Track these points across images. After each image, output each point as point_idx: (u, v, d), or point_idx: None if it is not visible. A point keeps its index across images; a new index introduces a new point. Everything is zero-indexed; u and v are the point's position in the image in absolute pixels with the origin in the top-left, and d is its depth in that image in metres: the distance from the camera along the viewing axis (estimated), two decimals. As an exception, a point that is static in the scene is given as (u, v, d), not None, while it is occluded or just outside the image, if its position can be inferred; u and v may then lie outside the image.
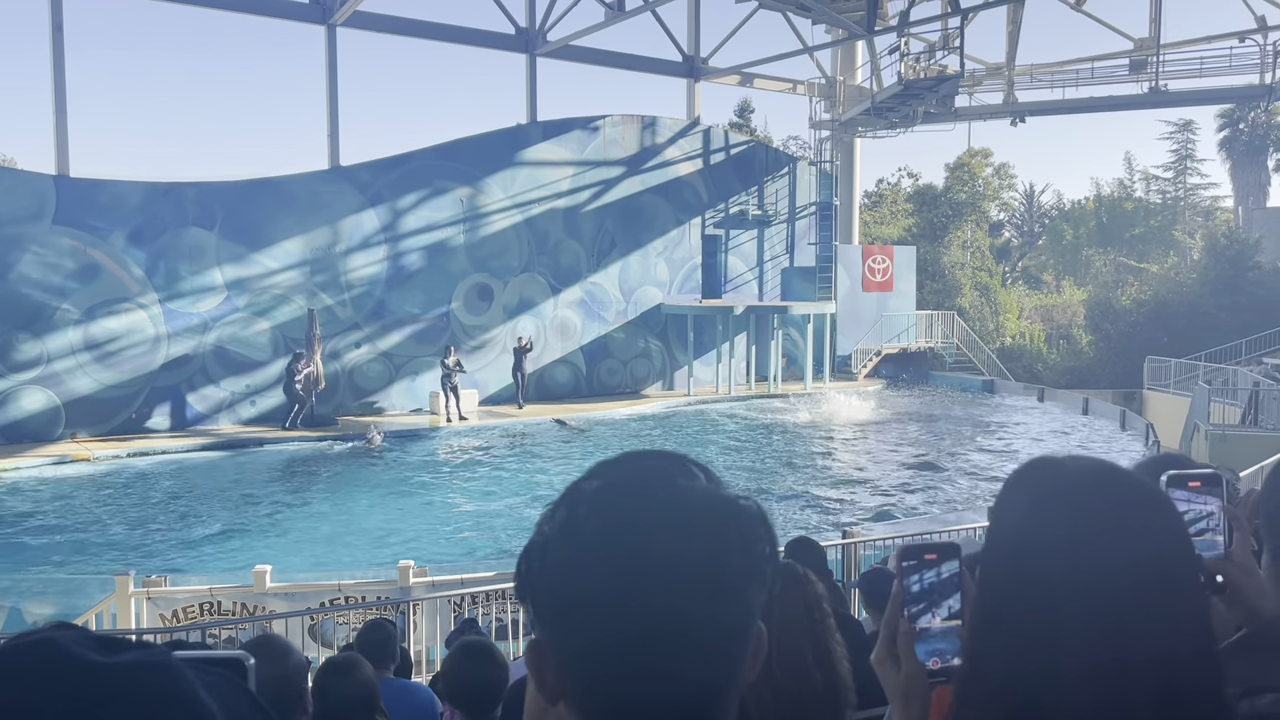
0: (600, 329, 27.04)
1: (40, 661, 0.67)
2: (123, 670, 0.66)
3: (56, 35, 20.27)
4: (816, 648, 2.33)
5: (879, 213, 46.71)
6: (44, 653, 0.67)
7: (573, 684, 0.85)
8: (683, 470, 0.88)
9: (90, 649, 0.68)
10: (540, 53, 26.69)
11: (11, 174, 21.14)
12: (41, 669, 0.66)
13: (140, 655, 0.68)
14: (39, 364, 19.68)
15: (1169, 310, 35.38)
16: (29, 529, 14.17)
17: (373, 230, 23.42)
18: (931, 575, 1.26)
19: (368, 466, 18.47)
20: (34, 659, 0.67)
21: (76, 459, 18.47)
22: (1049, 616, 1.05)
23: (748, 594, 0.85)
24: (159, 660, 0.68)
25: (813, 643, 2.33)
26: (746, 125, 45.06)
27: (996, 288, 40.06)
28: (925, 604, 1.26)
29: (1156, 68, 30.00)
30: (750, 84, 32.59)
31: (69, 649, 0.67)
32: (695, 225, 28.76)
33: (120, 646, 0.69)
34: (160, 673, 0.67)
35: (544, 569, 0.86)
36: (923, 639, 1.25)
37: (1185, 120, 54.04)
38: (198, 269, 21.28)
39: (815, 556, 4.43)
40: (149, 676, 0.67)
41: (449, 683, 3.59)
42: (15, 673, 0.66)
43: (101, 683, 0.65)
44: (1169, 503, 1.14)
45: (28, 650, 0.68)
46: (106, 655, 0.68)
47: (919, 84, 27.93)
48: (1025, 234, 60.99)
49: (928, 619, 1.26)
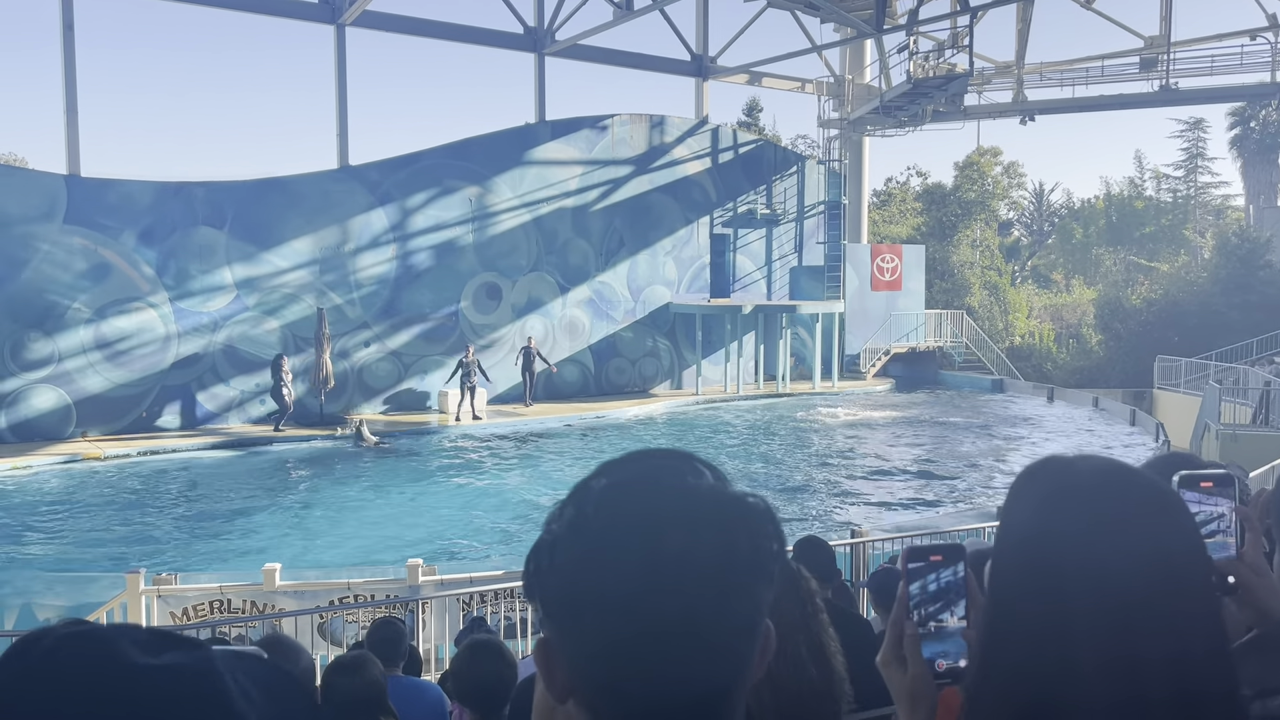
0: (608, 328, 27.05)
1: (84, 658, 0.68)
2: (162, 673, 0.68)
3: (67, 35, 20.36)
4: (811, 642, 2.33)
5: (888, 212, 46.62)
6: (90, 649, 0.69)
7: (582, 682, 0.85)
8: (690, 468, 0.88)
9: (136, 648, 0.69)
10: (549, 52, 26.71)
11: (23, 174, 21.25)
12: (84, 666, 0.68)
13: (181, 658, 0.70)
14: (50, 363, 19.77)
15: (1179, 309, 35.23)
16: (40, 527, 14.24)
17: (382, 229, 23.47)
18: (937, 576, 1.26)
19: (375, 464, 18.50)
20: (79, 654, 0.69)
21: (87, 457, 18.55)
22: (1061, 613, 1.05)
23: (756, 592, 0.85)
24: (198, 665, 0.69)
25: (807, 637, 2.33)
26: (755, 124, 45.00)
27: (1006, 287, 39.95)
28: (931, 605, 1.26)
29: (1167, 66, 29.87)
30: (759, 83, 32.56)
31: (116, 646, 0.69)
32: (703, 224, 28.75)
33: (165, 645, 0.70)
34: (198, 677, 0.68)
35: (553, 567, 0.86)
36: (928, 640, 1.25)
37: (1196, 119, 53.90)
38: (208, 268, 21.36)
39: (824, 556, 4.42)
40: (186, 681, 0.68)
41: (458, 681, 3.60)
42: (59, 667, 0.68)
43: (139, 685, 0.67)
44: (1180, 502, 1.14)
45: (76, 644, 0.70)
46: (149, 655, 0.69)
47: (928, 83, 27.86)
48: (1035, 233, 60.83)
49: (933, 621, 1.25)
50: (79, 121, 20.51)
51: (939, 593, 1.26)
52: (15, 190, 19.48)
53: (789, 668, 2.27)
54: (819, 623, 2.40)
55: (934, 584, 1.26)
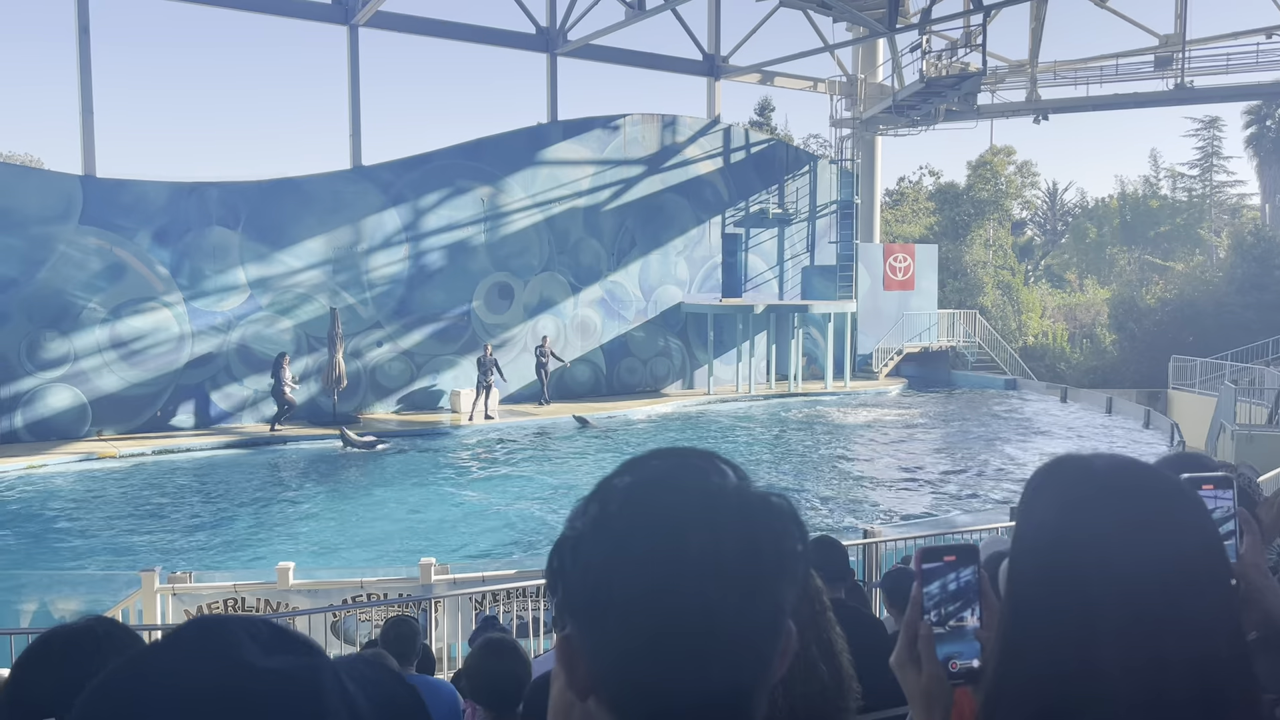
0: (620, 328, 27.06)
1: (203, 650, 0.72)
2: (272, 675, 0.71)
3: (83, 37, 20.48)
4: (820, 640, 2.34)
5: (900, 211, 46.51)
6: (211, 642, 0.72)
7: (604, 680, 0.85)
8: (714, 467, 0.88)
9: (254, 646, 0.73)
10: (561, 52, 26.73)
11: (39, 174, 21.39)
12: (202, 657, 0.71)
13: (293, 661, 0.73)
14: (66, 362, 19.89)
15: (1194, 309, 35.02)
16: (56, 526, 14.33)
17: (394, 229, 23.54)
18: (951, 577, 1.26)
19: (387, 464, 18.55)
20: (201, 645, 0.72)
21: (102, 456, 18.66)
22: (1084, 614, 1.04)
23: (779, 592, 0.85)
24: (301, 673, 0.72)
25: (816, 635, 2.34)
26: (767, 124, 44.97)
27: (1019, 286, 39.79)
28: (945, 606, 1.26)
29: (1182, 64, 29.70)
30: (771, 82, 32.52)
31: (236, 641, 0.72)
32: (715, 224, 28.72)
33: (282, 646, 0.74)
34: (305, 684, 0.71)
35: (576, 565, 0.86)
36: (942, 641, 1.25)
37: (1211, 117, 53.55)
38: (221, 268, 21.46)
39: (837, 556, 4.42)
40: (294, 685, 0.71)
41: (472, 679, 3.61)
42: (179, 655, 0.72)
43: (249, 684, 0.70)
44: (1199, 500, 1.13)
45: (200, 634, 0.73)
46: (264, 656, 0.72)
47: (941, 82, 27.78)
48: (1048, 232, 60.57)
49: (948, 621, 1.25)
50: (94, 122, 20.64)
51: (953, 593, 1.26)
52: (31, 191, 19.62)
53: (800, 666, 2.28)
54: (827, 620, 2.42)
55: (948, 585, 1.26)
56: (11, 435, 19.36)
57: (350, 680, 0.75)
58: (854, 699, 2.35)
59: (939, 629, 1.25)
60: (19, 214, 19.30)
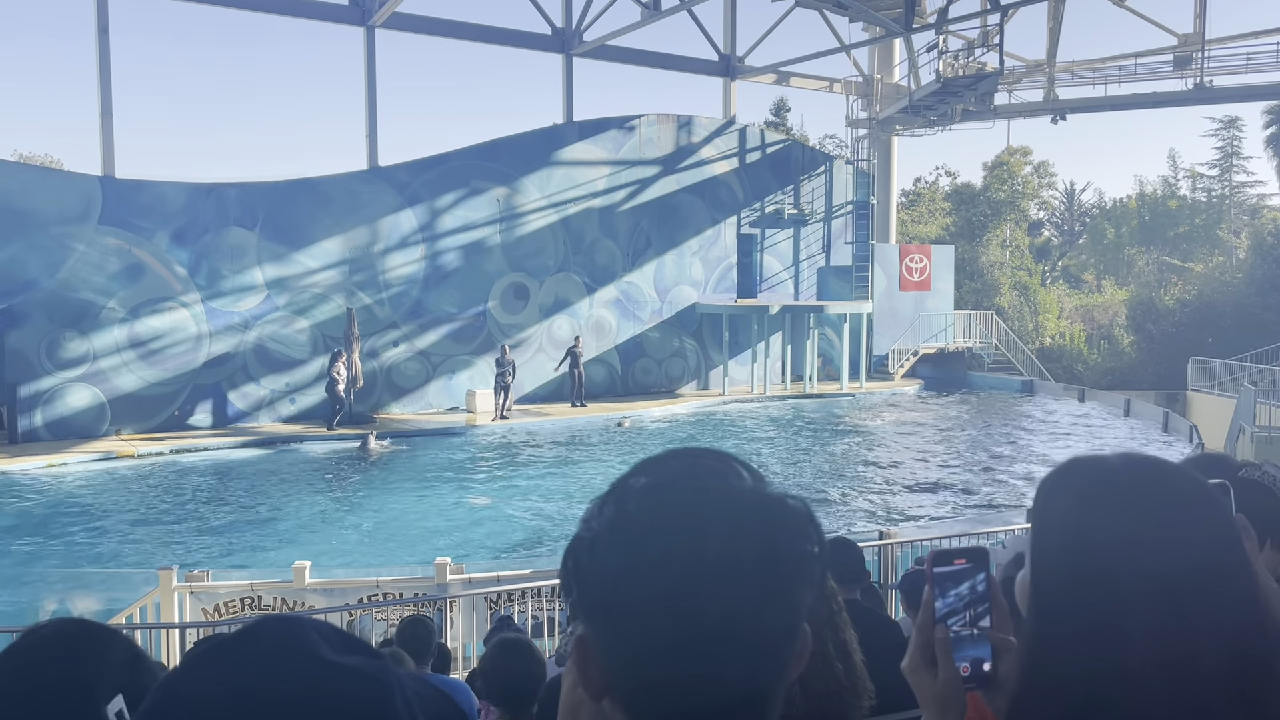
0: (635, 328, 27.06)
1: (283, 641, 0.74)
2: (345, 673, 0.72)
3: (102, 38, 20.63)
4: (835, 640, 2.35)
5: (916, 211, 46.33)
6: (284, 635, 0.74)
7: (619, 681, 0.85)
8: (730, 468, 0.88)
9: (327, 644, 0.74)
10: (576, 53, 26.76)
11: (59, 175, 21.56)
12: (282, 648, 0.73)
13: (364, 662, 0.74)
14: (85, 362, 20.05)
15: (1214, 310, 34.75)
16: (75, 524, 14.43)
17: (410, 230, 23.61)
18: (962, 580, 1.25)
19: (401, 463, 18.61)
20: (279, 638, 0.74)
21: (121, 455, 18.79)
22: (1114, 612, 1.03)
23: (796, 594, 0.85)
24: (377, 672, 0.74)
25: (833, 634, 2.35)
26: (783, 124, 44.87)
27: (1036, 287, 39.57)
28: (957, 609, 1.25)
29: (1201, 63, 29.48)
30: (786, 82, 32.46)
31: (309, 637, 0.74)
32: (731, 224, 28.69)
33: (350, 646, 0.76)
34: (375, 684, 0.73)
35: (592, 566, 0.85)
36: (953, 644, 1.24)
37: (1231, 117, 53.04)
38: (239, 268, 21.58)
39: (853, 557, 4.41)
40: (364, 684, 0.73)
41: (488, 679, 3.61)
42: (260, 646, 0.73)
43: (323, 680, 0.71)
44: (1218, 497, 1.12)
45: (277, 627, 0.75)
46: (338, 654, 0.74)
47: (957, 82, 27.67)
48: (1065, 233, 60.22)
49: (959, 625, 1.24)
50: (114, 123, 20.79)
51: (964, 596, 1.25)
52: (51, 191, 19.78)
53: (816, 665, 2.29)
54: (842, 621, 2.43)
55: (960, 588, 1.25)
56: (31, 434, 19.52)
57: (407, 684, 0.77)
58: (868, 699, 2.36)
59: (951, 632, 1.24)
60: (39, 215, 19.47)
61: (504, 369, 22.43)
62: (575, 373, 23.99)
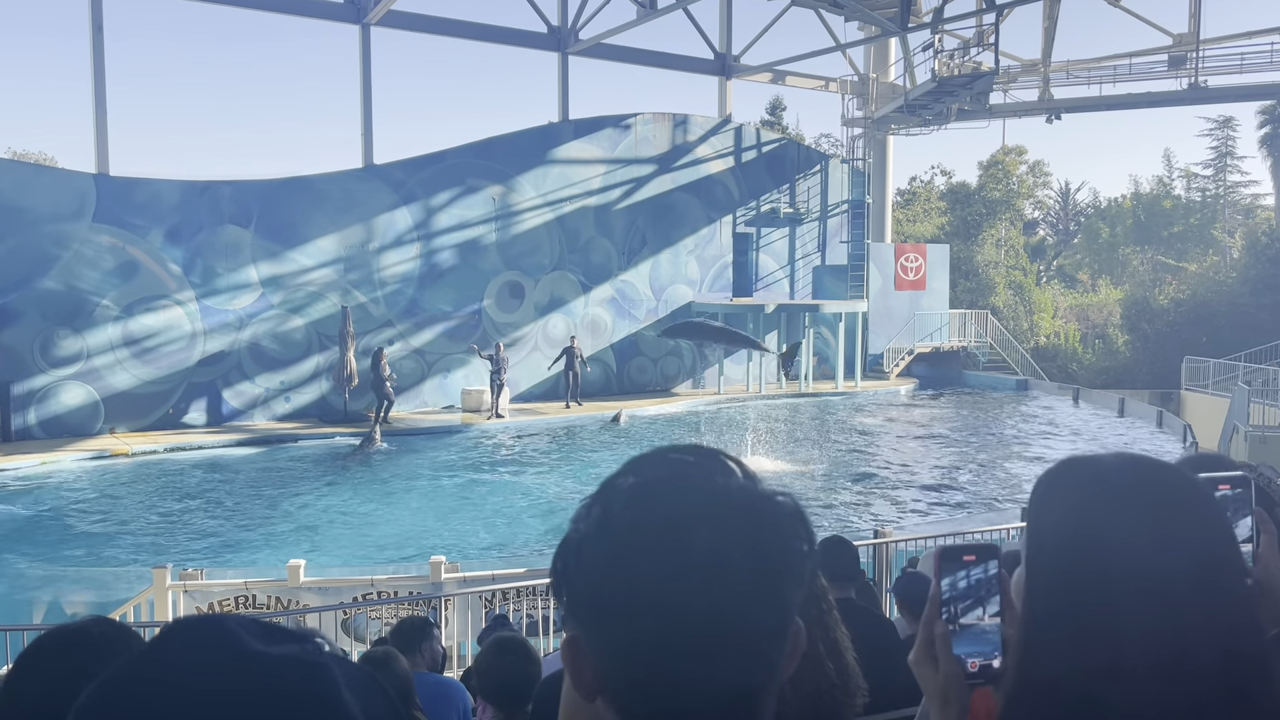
0: (631, 327, 27.06)
1: (205, 640, 0.69)
2: (279, 662, 0.68)
3: (97, 36, 20.57)
4: (826, 638, 2.36)
5: (912, 211, 46.37)
6: (210, 633, 0.70)
7: (610, 681, 0.85)
8: (719, 466, 0.87)
9: (253, 636, 0.70)
10: (572, 51, 26.74)
11: (53, 173, 21.51)
12: (205, 648, 0.69)
13: (297, 650, 0.70)
14: (79, 360, 20.00)
15: (1208, 310, 34.82)
16: (68, 522, 14.40)
17: (405, 228, 23.59)
18: (970, 577, 1.26)
19: (396, 462, 18.59)
20: (199, 638, 0.70)
21: (115, 453, 18.76)
22: (1108, 612, 1.03)
23: (785, 591, 0.85)
24: (314, 658, 0.70)
25: (823, 633, 2.36)
26: (778, 123, 44.87)
27: (1031, 286, 39.64)
28: (964, 605, 1.25)
29: (1196, 63, 29.54)
30: (782, 81, 32.47)
31: (234, 632, 0.70)
32: (726, 223, 28.70)
33: (281, 636, 0.72)
34: (313, 671, 0.69)
35: (580, 566, 0.85)
36: (962, 640, 1.24)
37: (1225, 117, 53.19)
38: (233, 266, 21.54)
39: (847, 556, 4.41)
40: (303, 673, 0.69)
41: (482, 678, 3.61)
42: (181, 648, 0.69)
43: (257, 672, 0.67)
44: (1213, 496, 1.12)
45: (195, 628, 0.71)
46: (267, 644, 0.70)
47: (953, 81, 27.69)
48: (1060, 232, 60.32)
49: (967, 620, 1.25)
50: (108, 121, 20.74)
51: (972, 592, 1.25)
52: (45, 189, 19.72)
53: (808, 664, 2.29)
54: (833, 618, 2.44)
55: (968, 583, 1.25)
56: (25, 432, 19.48)
57: (340, 664, 0.73)
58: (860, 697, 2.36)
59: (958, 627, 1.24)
60: (33, 212, 19.41)
61: (497, 365, 22.39)
62: (570, 373, 23.95)
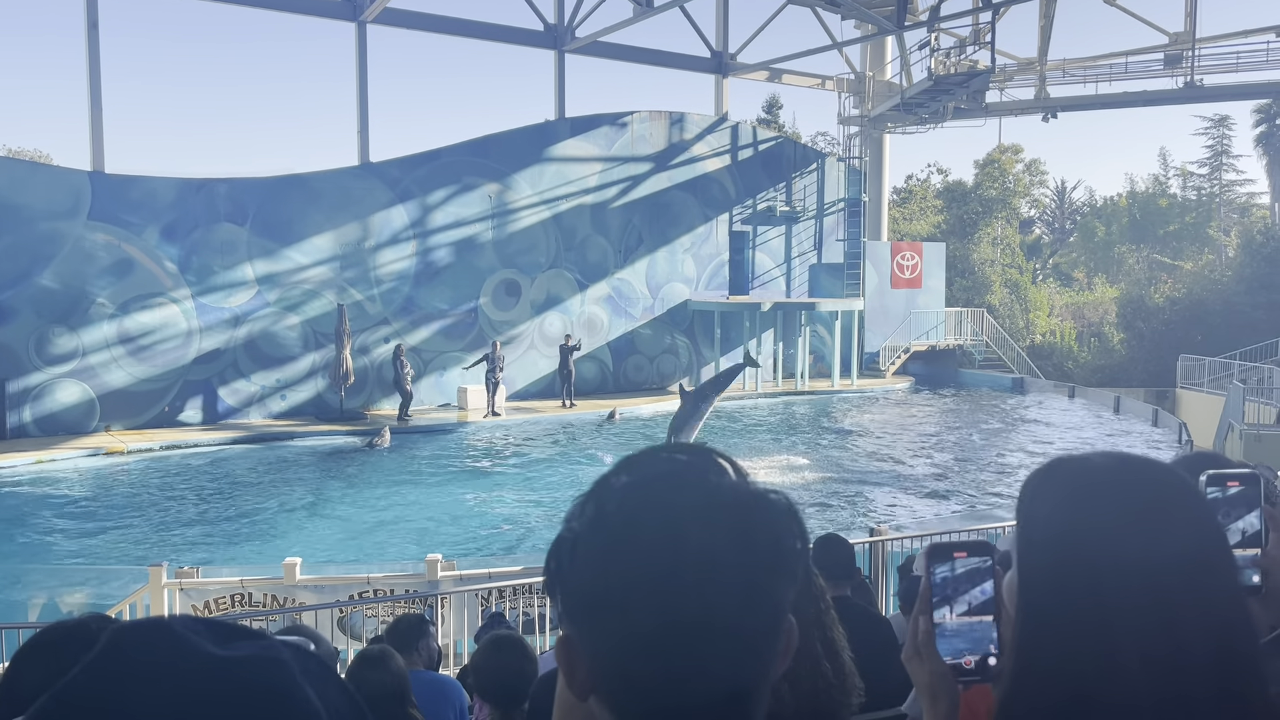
0: (627, 325, 27.06)
1: (156, 647, 0.66)
2: (237, 664, 0.66)
3: (92, 33, 20.53)
4: (824, 637, 2.36)
5: (908, 209, 46.38)
6: (160, 638, 0.67)
7: (604, 680, 0.85)
8: (712, 465, 0.88)
9: (206, 638, 0.67)
10: (569, 49, 26.72)
11: (48, 170, 21.47)
12: (157, 655, 0.65)
13: (254, 649, 0.68)
14: (74, 357, 19.97)
15: (1203, 308, 34.88)
16: (64, 521, 14.38)
17: (402, 226, 23.56)
18: (963, 573, 1.26)
19: (394, 460, 18.58)
20: (150, 644, 0.66)
21: (110, 451, 18.73)
22: (1099, 611, 1.04)
23: (778, 590, 0.85)
24: (272, 655, 0.68)
25: (820, 632, 2.36)
26: (775, 121, 44.84)
27: (1027, 285, 39.68)
28: (957, 602, 1.25)
29: (1192, 62, 29.58)
30: (779, 80, 32.47)
31: (186, 637, 0.67)
32: (723, 221, 28.71)
33: (234, 635, 0.69)
34: (273, 669, 0.67)
35: (573, 565, 0.85)
36: (955, 637, 1.24)
37: (1221, 115, 53.27)
38: (229, 264, 21.51)
39: (844, 554, 4.42)
40: (262, 672, 0.66)
41: (479, 676, 3.62)
42: (131, 657, 0.66)
43: (215, 675, 0.65)
44: (1201, 493, 1.13)
45: (144, 633, 0.67)
46: (222, 646, 0.67)
47: (949, 79, 27.71)
48: (1056, 231, 60.39)
49: (960, 617, 1.25)
50: (103, 118, 20.69)
51: (965, 589, 1.25)
52: (40, 187, 19.68)
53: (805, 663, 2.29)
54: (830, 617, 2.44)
55: (960, 580, 1.26)
56: (20, 430, 19.44)
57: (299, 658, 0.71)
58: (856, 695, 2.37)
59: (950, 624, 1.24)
60: (28, 210, 19.37)
61: (493, 364, 22.38)
62: (565, 370, 23.94)
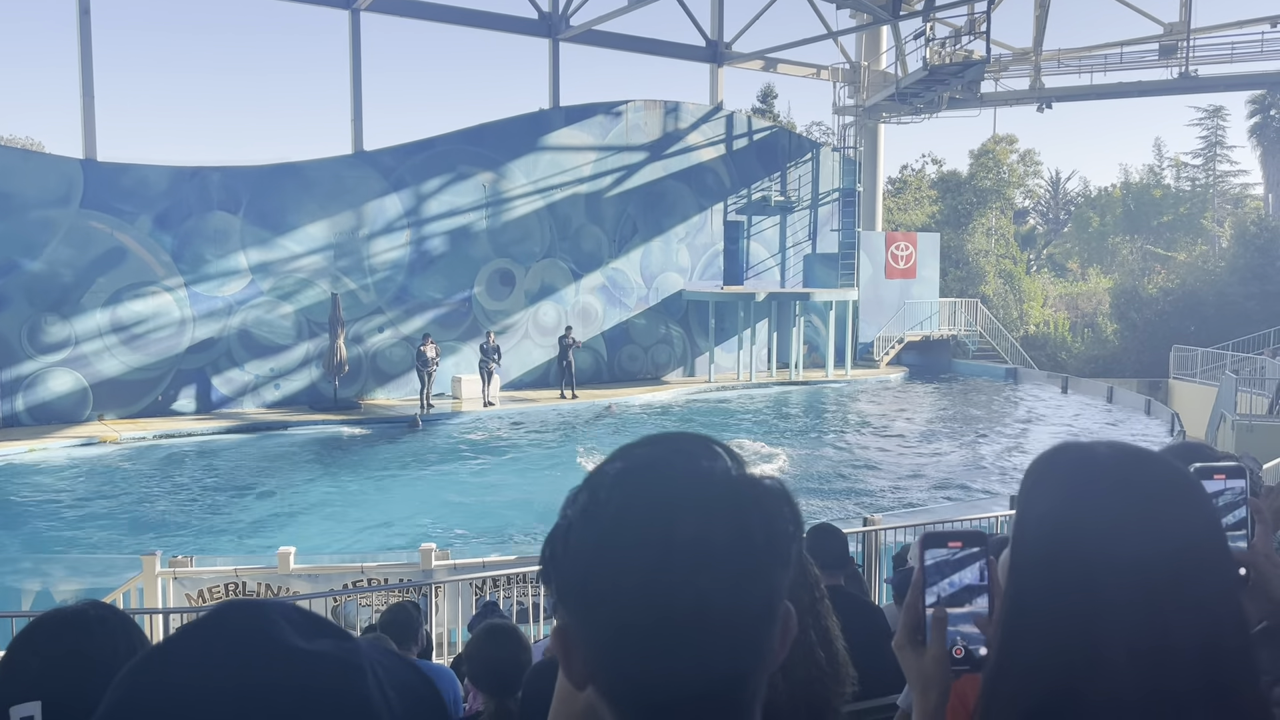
0: (621, 315, 27.05)
1: (248, 626, 0.70)
2: (315, 659, 0.70)
3: (84, 19, 20.40)
4: (818, 625, 2.36)
5: (903, 199, 46.39)
6: (255, 620, 0.71)
7: (599, 668, 0.85)
8: (706, 451, 0.87)
9: (294, 629, 0.71)
10: (563, 37, 26.62)
11: (40, 158, 21.35)
12: (247, 633, 0.70)
13: (333, 647, 0.71)
14: (67, 346, 19.90)
15: (1196, 299, 34.97)
16: (57, 509, 14.36)
17: (396, 215, 23.50)
18: (955, 563, 1.26)
19: (388, 450, 18.57)
20: (243, 622, 0.71)
21: (104, 440, 18.69)
22: (1088, 603, 1.03)
23: (772, 575, 0.85)
24: (348, 656, 0.71)
25: (814, 620, 2.36)
26: (769, 111, 44.76)
27: (1021, 275, 39.74)
28: (949, 591, 1.25)
29: (1186, 53, 29.56)
30: (774, 69, 32.37)
31: (275, 625, 0.71)
32: (717, 211, 28.67)
33: (320, 631, 0.73)
34: (346, 669, 0.71)
35: (567, 554, 0.85)
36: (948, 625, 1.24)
37: (1215, 106, 53.31)
38: (222, 253, 21.44)
39: (837, 543, 4.42)
40: (336, 670, 0.70)
41: (473, 664, 3.61)
42: (225, 630, 0.70)
43: (288, 666, 0.69)
44: (1201, 487, 1.12)
45: (243, 612, 0.72)
46: (306, 640, 0.71)
47: (944, 69, 27.66)
48: (1050, 221, 60.46)
49: (951, 606, 1.25)
50: (95, 106, 20.58)
51: (957, 578, 1.25)
52: (33, 174, 19.58)
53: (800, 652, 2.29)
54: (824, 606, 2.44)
55: (953, 570, 1.25)
56: (12, 419, 19.39)
57: (379, 665, 0.75)
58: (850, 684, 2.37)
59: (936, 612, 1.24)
60: (20, 198, 19.28)
61: (488, 355, 22.41)
62: (564, 363, 23.92)
